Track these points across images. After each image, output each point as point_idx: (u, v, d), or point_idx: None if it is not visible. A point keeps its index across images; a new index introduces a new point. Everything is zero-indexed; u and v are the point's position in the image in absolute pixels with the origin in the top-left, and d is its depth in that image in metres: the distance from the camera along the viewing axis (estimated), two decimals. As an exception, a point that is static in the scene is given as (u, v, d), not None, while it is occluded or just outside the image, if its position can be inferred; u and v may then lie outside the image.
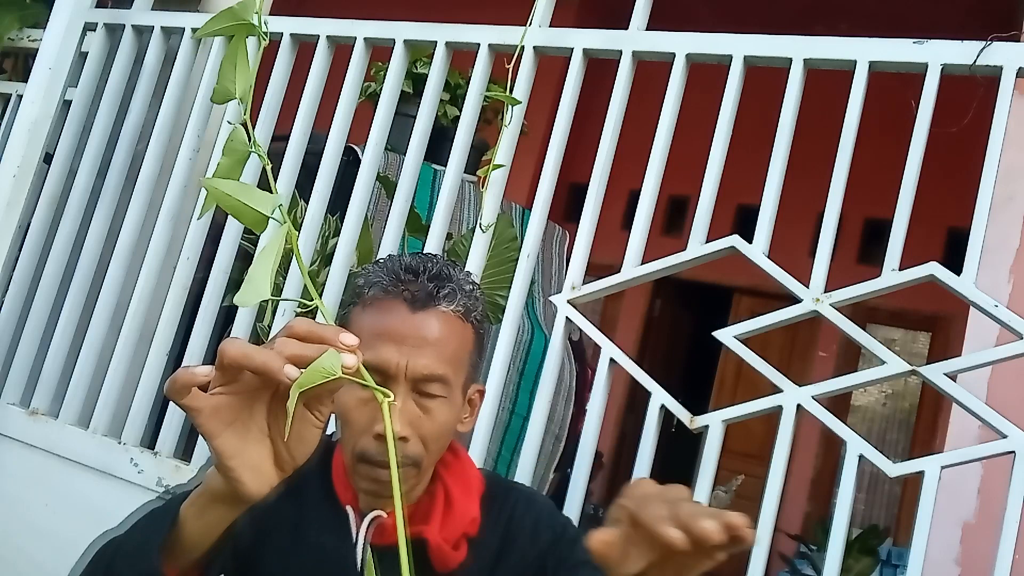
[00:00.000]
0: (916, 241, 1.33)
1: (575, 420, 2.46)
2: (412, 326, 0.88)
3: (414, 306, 0.89)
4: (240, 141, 0.64)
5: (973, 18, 2.25)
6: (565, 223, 2.64)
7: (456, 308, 0.91)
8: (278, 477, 0.64)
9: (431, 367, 0.88)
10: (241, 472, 0.62)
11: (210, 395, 0.61)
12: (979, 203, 1.21)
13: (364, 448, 0.88)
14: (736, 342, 1.33)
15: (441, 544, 0.90)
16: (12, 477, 1.91)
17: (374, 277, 0.92)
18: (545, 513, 1.02)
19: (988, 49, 1.25)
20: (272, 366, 0.58)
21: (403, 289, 0.90)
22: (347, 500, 0.93)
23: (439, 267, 0.93)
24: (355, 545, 0.90)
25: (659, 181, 1.44)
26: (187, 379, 0.60)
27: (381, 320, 0.89)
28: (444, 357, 0.89)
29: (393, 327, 0.88)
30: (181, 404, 0.61)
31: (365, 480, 0.90)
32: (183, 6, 2.06)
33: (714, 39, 1.43)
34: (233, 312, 1.77)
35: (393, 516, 0.90)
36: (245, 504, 0.65)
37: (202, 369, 0.61)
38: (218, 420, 0.61)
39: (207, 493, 0.67)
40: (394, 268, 0.92)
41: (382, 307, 0.90)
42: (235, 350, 0.59)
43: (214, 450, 0.62)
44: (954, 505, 1.75)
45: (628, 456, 2.37)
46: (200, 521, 0.68)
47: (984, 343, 1.61)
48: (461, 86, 2.29)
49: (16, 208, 2.08)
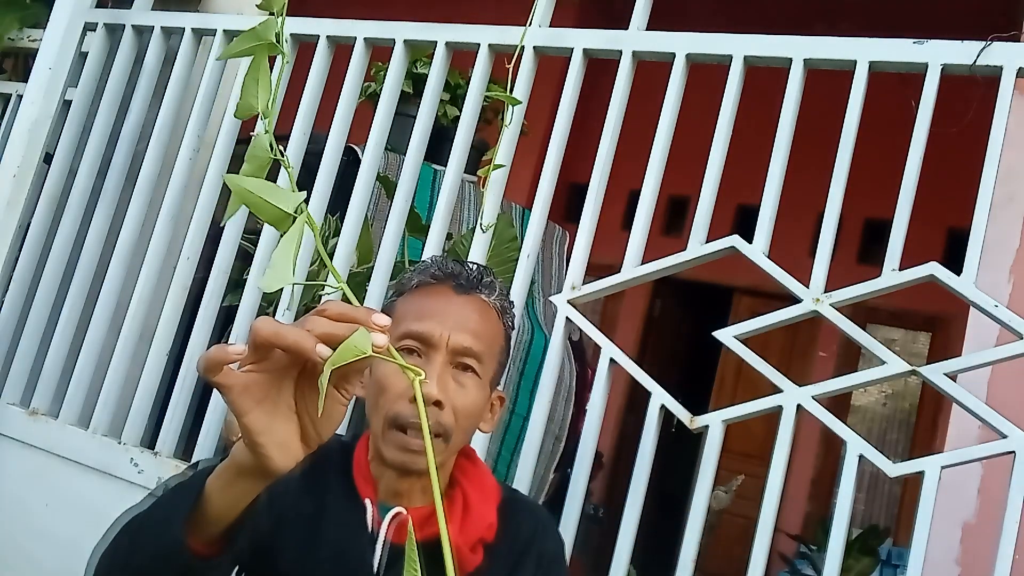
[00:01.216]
0: (916, 241, 1.33)
1: (575, 420, 2.46)
2: (457, 305, 0.96)
3: (459, 290, 0.97)
4: (262, 148, 0.66)
5: (973, 18, 2.25)
6: (565, 223, 2.64)
7: (494, 302, 0.99)
8: (304, 453, 0.65)
9: (471, 341, 0.94)
10: (269, 448, 0.63)
11: (241, 372, 0.63)
12: (979, 203, 1.21)
13: (399, 411, 0.91)
14: (736, 342, 1.33)
15: (460, 546, 0.91)
16: (12, 477, 1.91)
17: (421, 268, 1.01)
18: (561, 551, 1.07)
19: (988, 49, 1.25)
20: (304, 345, 0.59)
21: (450, 275, 0.98)
22: (366, 494, 0.94)
23: (482, 269, 1.02)
24: (374, 541, 0.91)
25: (659, 181, 1.44)
26: (220, 357, 0.62)
27: (428, 299, 0.97)
28: (482, 337, 0.96)
29: (439, 304, 0.96)
30: (213, 381, 0.62)
31: (395, 448, 0.91)
32: (183, 6, 2.07)
33: (714, 39, 1.43)
34: (233, 312, 1.77)
35: (413, 513, 0.92)
36: (271, 478, 0.67)
37: (235, 348, 0.62)
38: (248, 397, 0.62)
39: (233, 467, 0.68)
40: (439, 262, 1.01)
41: (429, 290, 0.98)
42: (268, 328, 0.60)
43: (244, 426, 0.63)
44: (954, 505, 1.75)
45: (628, 456, 2.36)
46: (225, 494, 0.69)
47: (984, 343, 1.61)
48: (461, 86, 2.29)
49: (16, 208, 2.08)
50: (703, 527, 1.31)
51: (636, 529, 1.34)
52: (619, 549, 1.34)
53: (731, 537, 4.04)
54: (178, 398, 1.76)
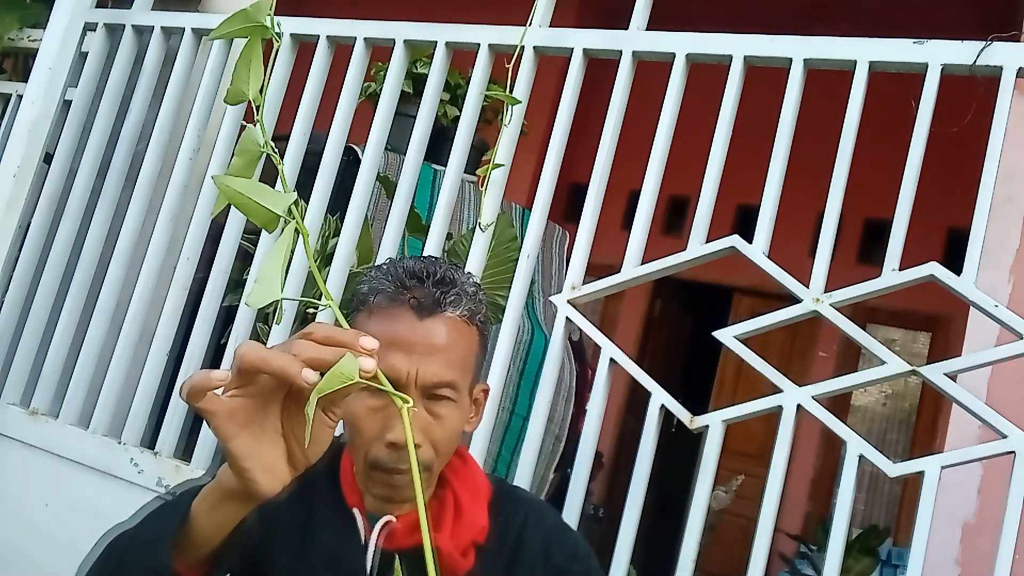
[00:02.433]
0: (916, 241, 1.33)
1: (575, 420, 2.47)
2: (420, 334, 0.88)
3: (421, 313, 0.89)
4: (253, 141, 0.64)
5: (973, 18, 2.25)
6: (565, 223, 2.64)
7: (462, 313, 0.92)
8: (291, 475, 0.65)
9: (440, 374, 0.88)
10: (256, 472, 0.63)
11: (226, 397, 0.62)
12: (979, 203, 1.21)
13: (376, 456, 0.88)
14: (736, 342, 1.33)
15: (452, 552, 0.90)
16: (12, 477, 1.91)
17: (378, 284, 0.92)
18: (557, 533, 1.03)
19: (988, 49, 1.25)
20: (290, 370, 0.59)
21: (409, 296, 0.89)
22: (354, 503, 0.93)
23: (443, 272, 0.93)
24: (364, 548, 0.90)
25: (659, 181, 1.44)
26: (203, 383, 0.61)
27: (389, 328, 0.88)
28: (453, 363, 0.90)
29: (401, 335, 0.88)
30: (197, 407, 0.61)
31: (379, 486, 0.90)
32: (183, 6, 2.07)
33: (714, 39, 1.42)
34: (233, 312, 1.77)
35: (402, 521, 0.91)
36: (258, 502, 0.66)
37: (218, 373, 0.62)
38: (233, 422, 0.62)
39: (219, 490, 0.68)
40: (398, 274, 0.92)
41: (388, 315, 0.90)
42: (253, 354, 0.60)
43: (229, 452, 0.62)
44: (954, 505, 1.75)
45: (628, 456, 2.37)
46: (211, 517, 0.69)
47: (984, 343, 1.61)
48: (461, 86, 2.30)
49: (16, 208, 2.08)
50: (703, 527, 1.31)
51: (636, 529, 1.34)
52: (619, 549, 1.34)
53: (731, 537, 4.03)
54: (178, 398, 1.76)
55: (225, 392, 0.62)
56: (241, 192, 0.62)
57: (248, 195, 0.62)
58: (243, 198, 0.62)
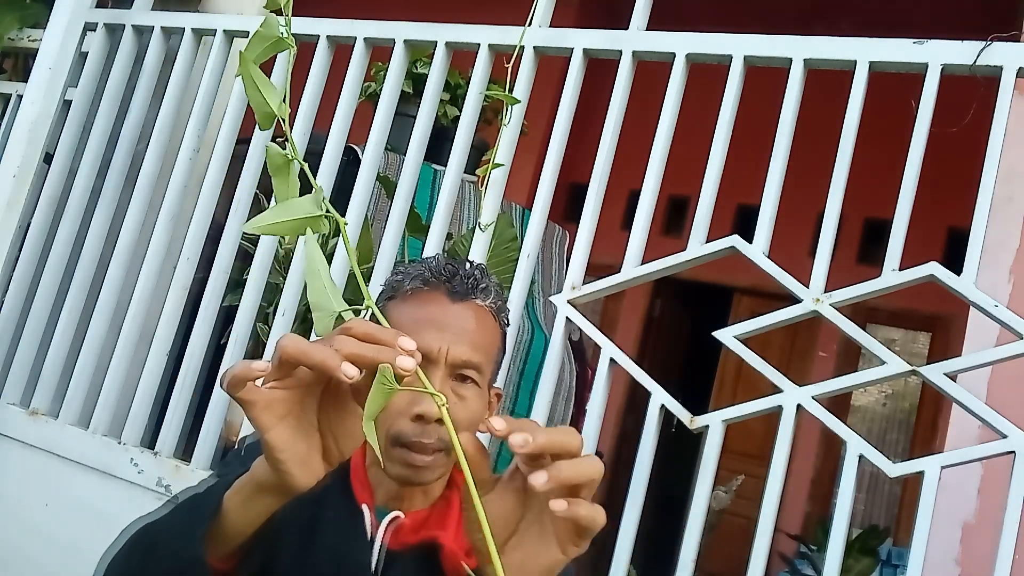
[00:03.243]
0: (916, 241, 1.33)
1: (575, 420, 2.46)
2: (453, 315, 0.93)
3: (454, 297, 0.94)
4: (278, 156, 0.65)
5: (973, 18, 2.25)
6: (565, 223, 2.64)
7: (490, 304, 0.97)
8: (325, 470, 0.65)
9: (469, 353, 0.92)
10: (291, 465, 0.63)
11: (265, 388, 0.62)
12: (979, 203, 1.21)
13: (400, 430, 0.89)
14: (736, 342, 1.33)
15: (456, 550, 0.90)
16: (12, 477, 1.91)
17: (413, 272, 0.97)
18: None
19: (988, 49, 1.25)
20: (330, 363, 0.59)
21: (444, 281, 0.95)
22: (363, 499, 0.94)
23: (475, 268, 0.99)
24: (370, 544, 0.91)
25: (659, 181, 1.44)
26: (244, 373, 0.61)
27: (422, 309, 0.93)
28: (479, 346, 0.93)
29: (435, 315, 0.93)
30: (236, 397, 0.62)
31: (398, 466, 0.91)
32: (183, 6, 2.07)
33: (714, 39, 1.43)
34: (233, 312, 1.77)
35: (410, 517, 0.92)
36: (292, 495, 0.66)
37: (258, 364, 0.62)
38: (271, 413, 0.62)
39: (253, 483, 0.68)
40: (432, 266, 0.97)
41: (423, 298, 0.94)
42: (293, 346, 0.60)
43: (266, 443, 0.63)
44: (954, 505, 1.75)
45: (628, 456, 2.37)
46: (244, 510, 0.69)
47: (984, 343, 1.61)
48: (461, 86, 2.29)
49: (16, 208, 2.08)
50: (703, 527, 1.31)
51: (636, 529, 1.34)
52: (619, 549, 1.34)
53: (731, 537, 4.03)
54: (178, 398, 1.76)
55: (264, 383, 0.62)
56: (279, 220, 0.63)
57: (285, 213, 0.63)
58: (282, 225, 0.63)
